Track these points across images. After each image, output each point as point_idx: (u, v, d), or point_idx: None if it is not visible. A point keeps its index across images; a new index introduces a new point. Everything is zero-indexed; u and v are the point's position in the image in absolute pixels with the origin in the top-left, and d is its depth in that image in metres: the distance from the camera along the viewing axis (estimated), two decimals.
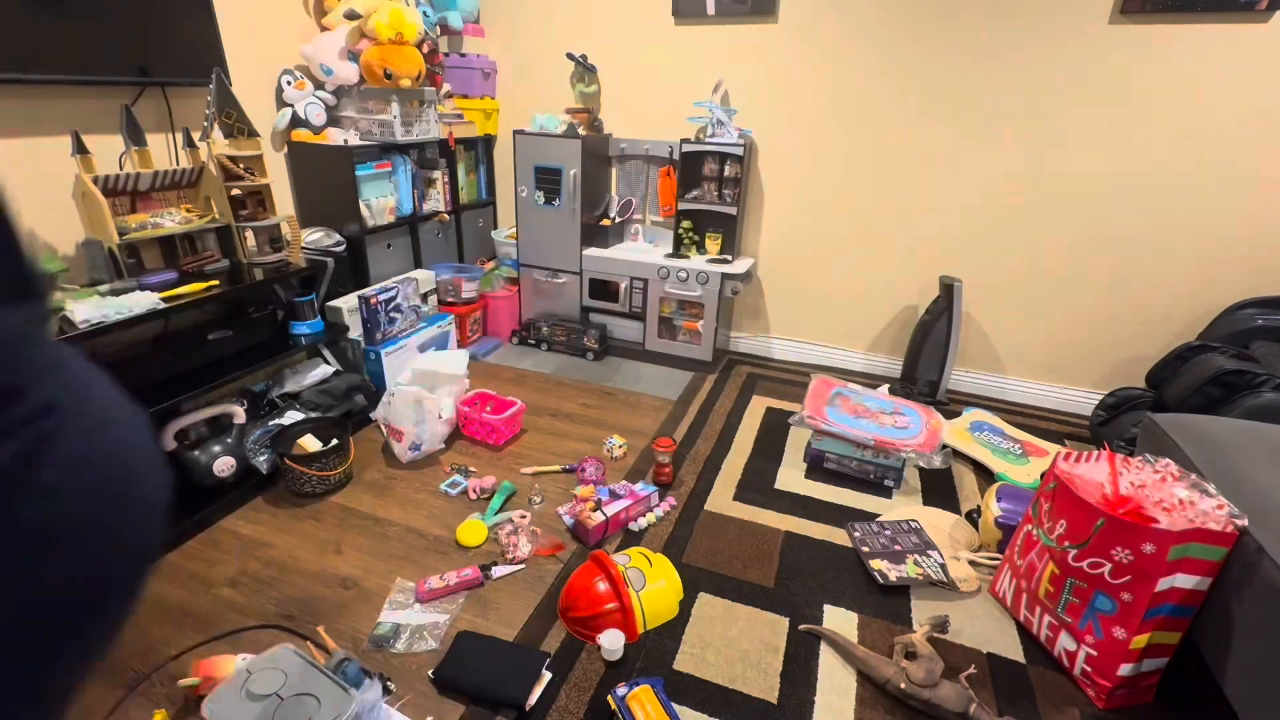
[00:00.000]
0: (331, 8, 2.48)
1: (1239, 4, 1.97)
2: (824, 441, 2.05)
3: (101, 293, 1.64)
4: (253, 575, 1.60)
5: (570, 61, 2.80)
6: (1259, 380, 1.80)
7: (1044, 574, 1.39)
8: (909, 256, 2.65)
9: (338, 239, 2.42)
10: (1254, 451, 1.39)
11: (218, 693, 1.14)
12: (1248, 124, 2.08)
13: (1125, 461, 1.37)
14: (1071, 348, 2.55)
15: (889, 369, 2.84)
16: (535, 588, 1.59)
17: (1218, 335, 2.17)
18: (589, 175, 2.77)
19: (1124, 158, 2.24)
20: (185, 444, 1.82)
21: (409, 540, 1.74)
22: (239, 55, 2.17)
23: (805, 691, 1.33)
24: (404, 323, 2.47)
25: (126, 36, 1.83)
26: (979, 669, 1.39)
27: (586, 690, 1.32)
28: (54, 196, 1.80)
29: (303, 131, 2.45)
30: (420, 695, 1.30)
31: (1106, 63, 2.16)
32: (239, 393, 2.06)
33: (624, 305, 2.89)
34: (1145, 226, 2.30)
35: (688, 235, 2.83)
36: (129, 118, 1.78)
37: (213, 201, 1.96)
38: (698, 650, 1.42)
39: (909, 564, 1.64)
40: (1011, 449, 2.17)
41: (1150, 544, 1.18)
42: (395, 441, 2.07)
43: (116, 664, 1.35)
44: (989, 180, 2.43)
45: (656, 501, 1.88)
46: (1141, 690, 1.32)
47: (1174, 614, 1.24)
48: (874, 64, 2.44)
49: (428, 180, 2.81)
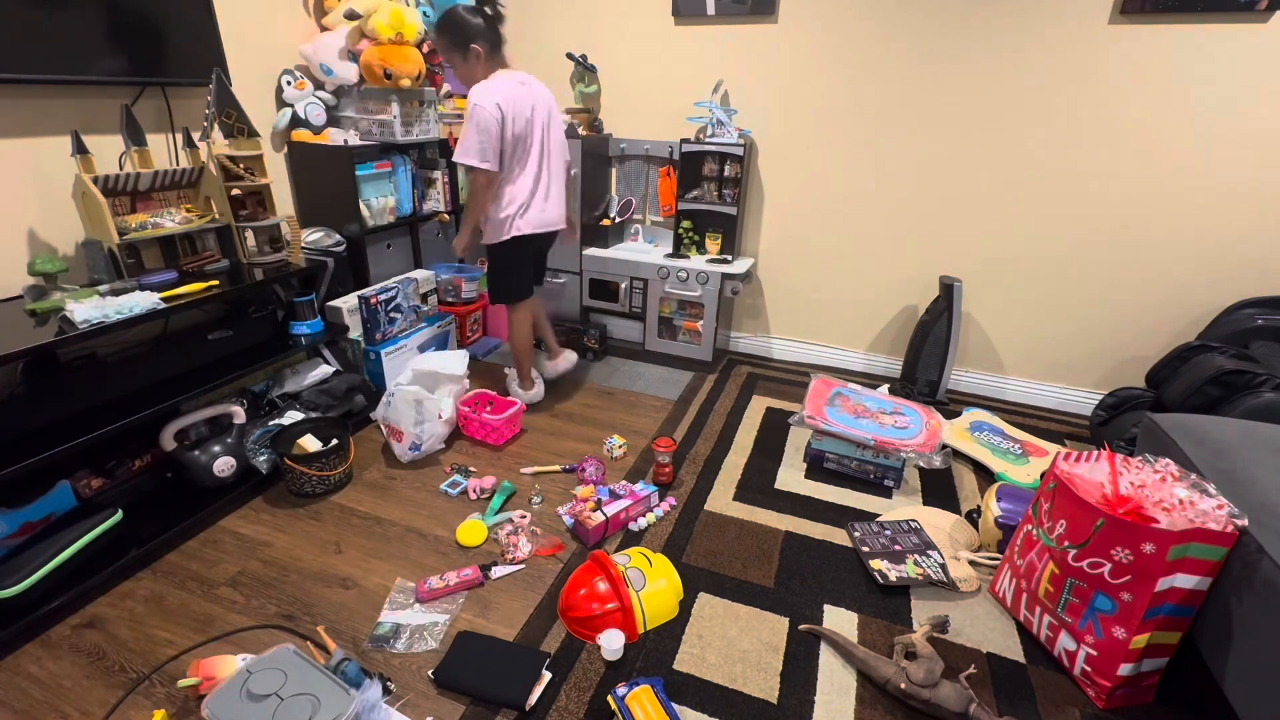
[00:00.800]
0: (331, 8, 2.48)
1: (1239, 4, 1.97)
2: (824, 441, 2.05)
3: (101, 293, 1.64)
4: (253, 575, 1.60)
5: (570, 61, 2.80)
6: (1259, 380, 1.80)
7: (1044, 574, 1.39)
8: (909, 256, 2.65)
9: (338, 239, 2.42)
10: (1254, 451, 1.39)
11: (218, 693, 1.14)
12: (1248, 124, 2.08)
13: (1125, 461, 1.37)
14: (1071, 348, 2.55)
15: (889, 369, 2.84)
16: (535, 588, 1.59)
17: (1218, 335, 2.17)
18: (589, 175, 2.77)
19: (1124, 158, 2.24)
20: (185, 444, 1.82)
21: (409, 540, 1.74)
22: (239, 55, 2.17)
23: (805, 691, 1.33)
24: (404, 323, 2.47)
25: (126, 36, 1.83)
26: (979, 669, 1.39)
27: (586, 690, 1.32)
28: (54, 196, 1.80)
29: (303, 131, 2.45)
30: (420, 695, 1.30)
31: (1106, 63, 2.16)
32: (239, 393, 2.06)
33: (624, 305, 2.89)
34: (1145, 226, 2.29)
35: (688, 235, 2.83)
36: (129, 118, 1.78)
37: (213, 201, 1.96)
38: (698, 650, 1.42)
39: (909, 564, 1.64)
40: (1011, 449, 2.17)
41: (1150, 544, 1.18)
42: (395, 441, 2.07)
43: (116, 664, 1.35)
44: (989, 180, 2.43)
45: (656, 501, 1.88)
46: (1141, 690, 1.32)
47: (1174, 614, 1.24)
48: (873, 64, 2.44)
49: (428, 180, 2.80)
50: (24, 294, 1.65)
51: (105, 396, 1.67)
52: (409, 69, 2.43)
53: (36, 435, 1.48)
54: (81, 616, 1.47)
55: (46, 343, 1.43)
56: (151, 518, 1.71)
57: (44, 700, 1.27)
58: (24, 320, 1.54)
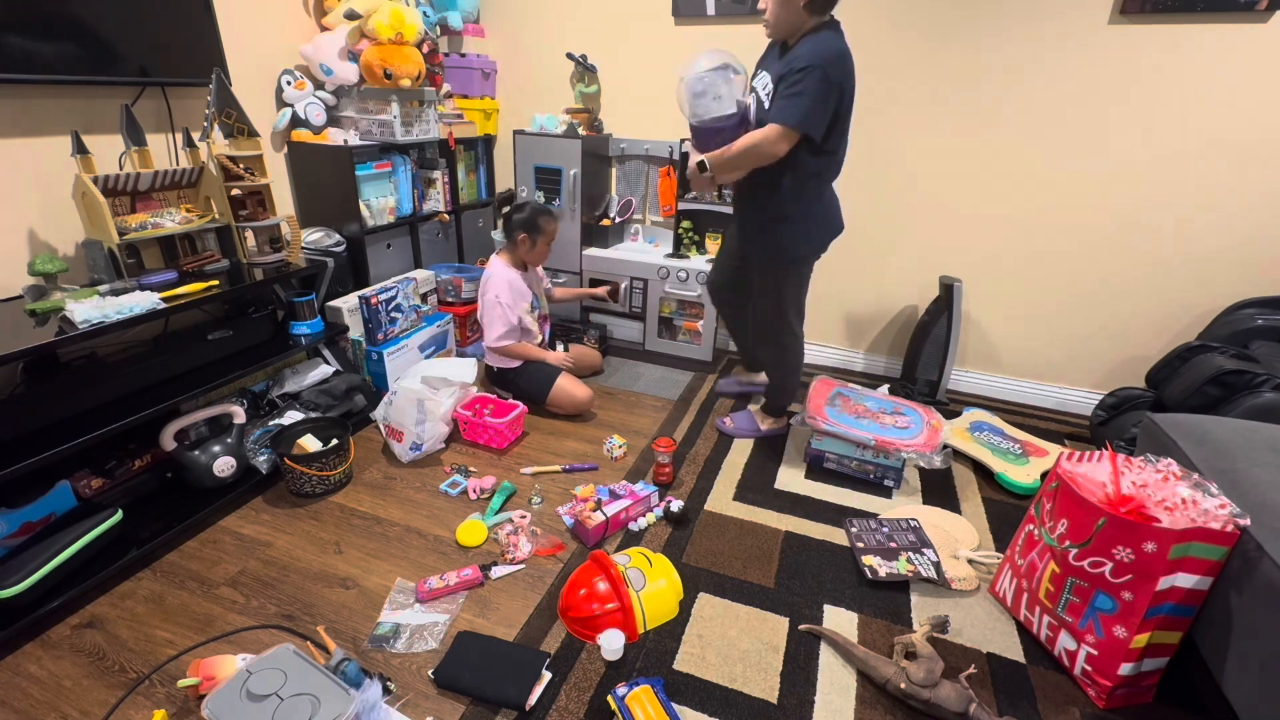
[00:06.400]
0: (331, 8, 2.48)
1: (1239, 4, 1.97)
2: (824, 441, 2.05)
3: (101, 293, 1.64)
4: (253, 575, 1.60)
5: (570, 61, 2.80)
6: (1259, 380, 1.80)
7: (1044, 573, 1.39)
8: (909, 256, 2.65)
9: (338, 239, 2.42)
10: (1254, 451, 1.39)
11: (218, 693, 1.14)
12: (1248, 124, 2.08)
13: (1127, 461, 1.37)
14: (1071, 348, 2.55)
15: (889, 369, 2.84)
16: (535, 588, 1.59)
17: (1218, 335, 2.17)
18: (589, 175, 2.77)
19: (1123, 158, 2.24)
20: (185, 444, 1.81)
21: (409, 540, 1.74)
22: (239, 55, 2.17)
23: (805, 691, 1.33)
24: (404, 322, 2.47)
25: (126, 36, 1.83)
26: (979, 669, 1.39)
27: (586, 690, 1.32)
28: (54, 196, 1.80)
29: (303, 131, 2.45)
30: (420, 695, 1.30)
31: (1106, 63, 2.16)
32: (239, 393, 2.06)
33: (624, 305, 2.89)
34: (1145, 226, 2.29)
35: (688, 235, 2.83)
36: (129, 118, 1.78)
37: (213, 201, 1.96)
38: (698, 650, 1.42)
39: (901, 561, 1.64)
40: (1011, 449, 2.17)
41: (1151, 543, 1.18)
42: (395, 442, 2.07)
43: (116, 664, 1.35)
44: (989, 179, 2.43)
45: (656, 501, 1.88)
46: (1142, 690, 1.32)
47: (1174, 613, 1.24)
48: (873, 64, 2.43)
49: (428, 180, 2.80)
50: (24, 294, 1.65)
51: (105, 396, 1.67)
52: (409, 69, 2.43)
53: (36, 435, 1.48)
54: (81, 616, 1.47)
55: (46, 343, 1.43)
56: (151, 518, 1.71)
57: (44, 700, 1.27)
58: (24, 320, 1.54)
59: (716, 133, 1.78)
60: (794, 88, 1.63)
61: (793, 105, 1.64)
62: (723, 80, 1.74)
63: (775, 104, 1.68)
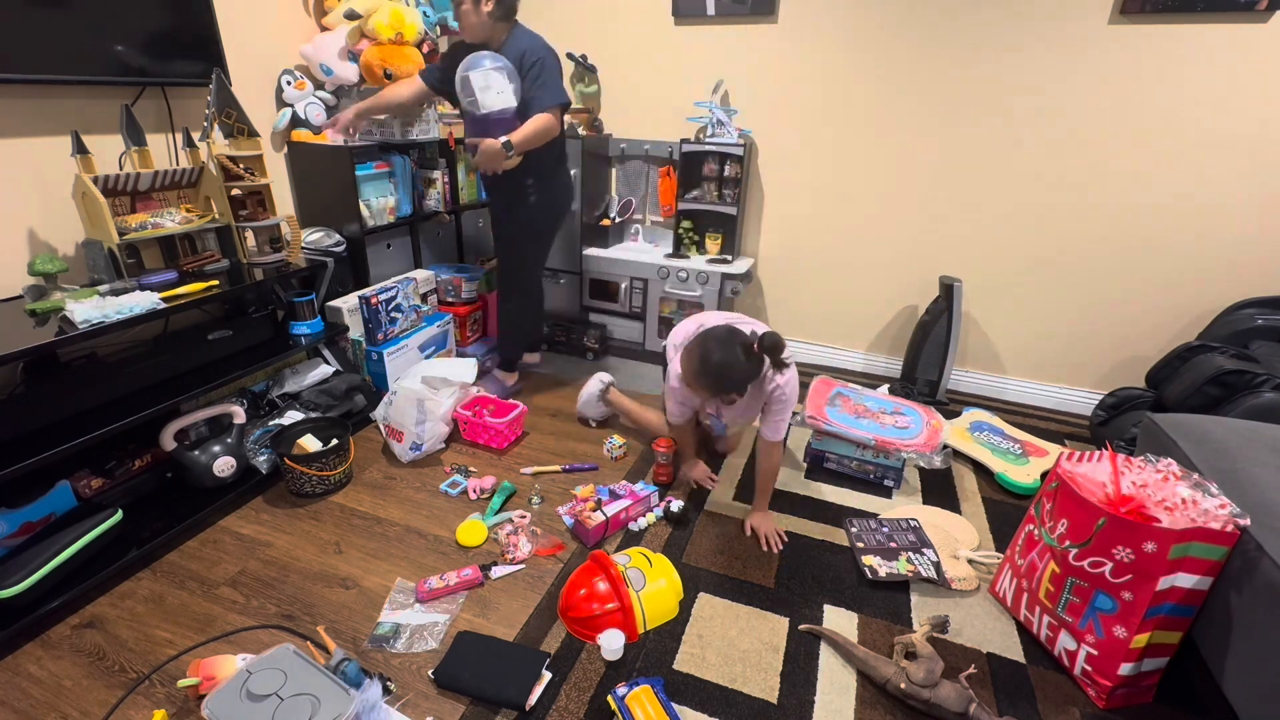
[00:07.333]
0: (331, 8, 2.48)
1: (1239, 4, 1.97)
2: (824, 441, 2.05)
3: (101, 293, 1.64)
4: (253, 575, 1.60)
5: (570, 61, 2.80)
6: (1259, 380, 1.80)
7: (1045, 573, 1.39)
8: (909, 256, 2.65)
9: (338, 239, 2.42)
10: (1254, 451, 1.39)
11: (218, 693, 1.14)
12: (1247, 124, 2.08)
13: (1127, 461, 1.37)
14: (1071, 348, 2.55)
15: (889, 369, 2.84)
16: (535, 588, 1.59)
17: (1218, 335, 2.17)
18: (589, 175, 2.77)
19: (1123, 157, 2.24)
20: (185, 444, 1.81)
21: (409, 540, 1.74)
22: (239, 55, 2.17)
23: (805, 691, 1.33)
24: (404, 322, 2.47)
25: (126, 36, 1.83)
26: (979, 669, 1.39)
27: (586, 690, 1.32)
28: (54, 196, 1.80)
29: (303, 131, 2.44)
30: (420, 695, 1.30)
31: (1106, 63, 2.16)
32: (239, 393, 2.06)
33: (624, 305, 2.89)
34: (1145, 226, 2.30)
35: (688, 235, 2.83)
36: (129, 118, 1.78)
37: (213, 201, 1.96)
38: (698, 650, 1.42)
39: (901, 561, 1.64)
40: (1011, 449, 2.17)
41: (1151, 543, 1.18)
42: (395, 441, 2.07)
43: (116, 664, 1.35)
44: (989, 179, 2.43)
45: (656, 501, 1.88)
46: (1141, 690, 1.32)
47: (1174, 613, 1.24)
48: (873, 64, 2.44)
49: (427, 180, 2.80)
50: (24, 294, 1.65)
51: (105, 396, 1.67)
52: (409, 69, 2.43)
53: (36, 435, 1.48)
54: (81, 616, 1.47)
55: (46, 343, 1.43)
56: (151, 518, 1.71)
57: (44, 700, 1.27)
58: (24, 320, 1.54)
59: (498, 122, 2.04)
60: (541, 77, 2.01)
61: (552, 89, 2.03)
62: (507, 77, 2.01)
63: (534, 94, 2.02)
